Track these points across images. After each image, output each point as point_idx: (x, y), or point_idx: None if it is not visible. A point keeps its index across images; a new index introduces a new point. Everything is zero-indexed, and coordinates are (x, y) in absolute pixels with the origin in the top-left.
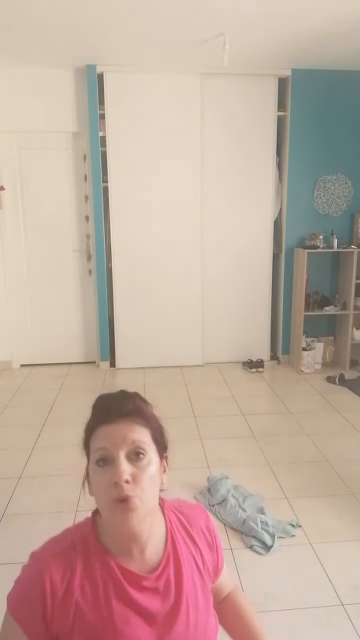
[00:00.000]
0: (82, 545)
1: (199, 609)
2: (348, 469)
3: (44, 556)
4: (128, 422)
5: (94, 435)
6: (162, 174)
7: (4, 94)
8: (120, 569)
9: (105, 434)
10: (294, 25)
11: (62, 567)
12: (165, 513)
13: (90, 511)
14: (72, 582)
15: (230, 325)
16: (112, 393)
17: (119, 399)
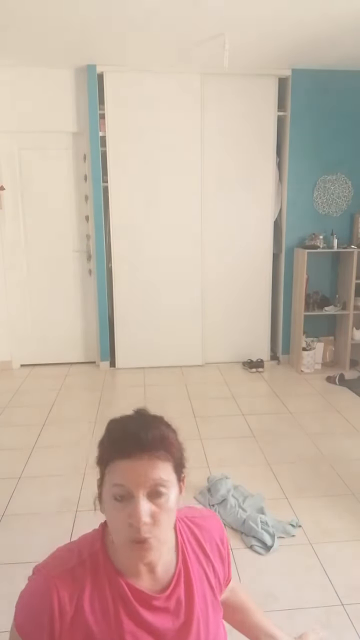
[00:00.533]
0: (92, 562)
1: (209, 624)
2: (348, 469)
3: (52, 573)
4: (150, 458)
5: (111, 468)
6: (162, 174)
7: (4, 94)
8: (131, 588)
9: (124, 471)
10: (294, 25)
11: (71, 585)
12: (176, 526)
13: (91, 510)
14: (81, 601)
15: (230, 325)
16: (131, 416)
17: (141, 427)
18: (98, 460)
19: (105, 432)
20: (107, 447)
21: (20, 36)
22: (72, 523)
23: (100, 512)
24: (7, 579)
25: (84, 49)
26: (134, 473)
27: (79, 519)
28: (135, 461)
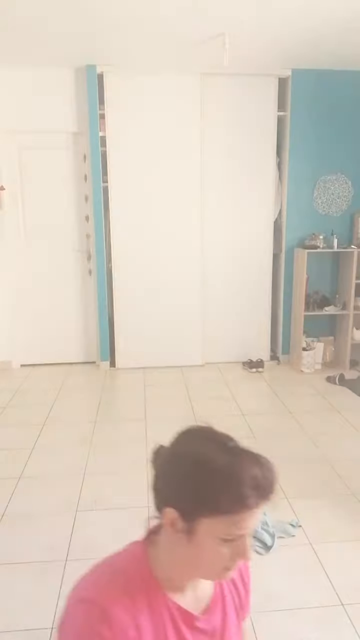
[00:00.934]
0: (139, 582)
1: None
2: (348, 469)
3: (108, 600)
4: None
5: (230, 519)
6: (162, 173)
7: (4, 94)
8: (176, 607)
9: (248, 521)
10: (294, 25)
11: (128, 609)
12: None
13: (90, 510)
14: (138, 622)
15: (230, 325)
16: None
17: (269, 473)
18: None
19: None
20: (230, 498)
21: (21, 36)
22: (72, 523)
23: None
24: (8, 578)
25: (84, 49)
26: (254, 520)
27: (79, 519)
28: (259, 508)
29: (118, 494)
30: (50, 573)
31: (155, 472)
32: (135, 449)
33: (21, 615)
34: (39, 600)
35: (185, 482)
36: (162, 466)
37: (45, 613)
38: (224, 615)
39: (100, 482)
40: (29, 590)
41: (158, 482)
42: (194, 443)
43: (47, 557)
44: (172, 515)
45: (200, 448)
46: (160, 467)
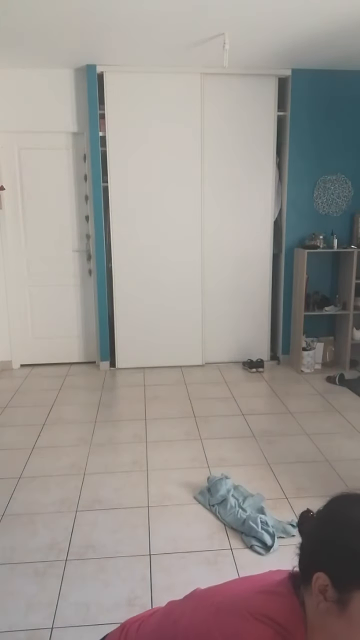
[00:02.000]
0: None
1: None
2: (348, 469)
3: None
4: None
5: None
6: (162, 173)
7: (4, 94)
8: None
9: None
10: (294, 25)
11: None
12: None
13: (90, 510)
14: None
15: (230, 325)
16: None
17: None
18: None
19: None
20: None
21: (21, 37)
22: (72, 523)
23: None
24: (8, 578)
25: (84, 49)
26: None
27: (79, 519)
28: None
29: (118, 494)
30: (50, 573)
31: (307, 533)
32: (135, 449)
33: (21, 615)
34: (39, 600)
35: (345, 549)
36: (317, 528)
37: (45, 613)
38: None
39: (100, 482)
40: (29, 590)
41: (309, 544)
42: (355, 509)
43: (47, 557)
44: (323, 581)
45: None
46: (314, 529)
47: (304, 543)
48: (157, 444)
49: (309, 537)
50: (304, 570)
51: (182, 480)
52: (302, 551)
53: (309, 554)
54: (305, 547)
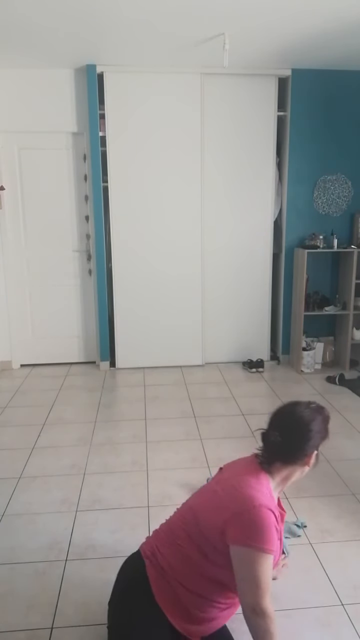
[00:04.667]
0: (270, 491)
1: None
2: (348, 469)
3: (268, 505)
4: None
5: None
6: (162, 174)
7: (3, 94)
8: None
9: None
10: (294, 25)
11: (273, 505)
12: None
13: (90, 510)
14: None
15: (230, 325)
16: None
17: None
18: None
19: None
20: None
21: (21, 36)
22: (72, 523)
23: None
24: (8, 579)
25: (84, 49)
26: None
27: (79, 519)
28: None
29: (118, 494)
30: (50, 573)
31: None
32: (135, 449)
33: (21, 615)
34: (39, 600)
35: (319, 435)
36: (298, 434)
37: (45, 613)
38: (281, 511)
39: (100, 482)
40: (29, 590)
41: (299, 444)
42: (307, 413)
43: (47, 557)
44: (311, 457)
45: (314, 414)
46: (295, 435)
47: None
48: (157, 444)
49: (296, 442)
50: (298, 459)
51: (182, 480)
52: (287, 450)
53: (301, 449)
54: (292, 447)
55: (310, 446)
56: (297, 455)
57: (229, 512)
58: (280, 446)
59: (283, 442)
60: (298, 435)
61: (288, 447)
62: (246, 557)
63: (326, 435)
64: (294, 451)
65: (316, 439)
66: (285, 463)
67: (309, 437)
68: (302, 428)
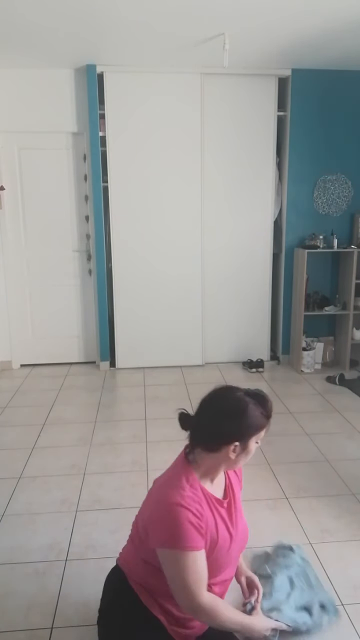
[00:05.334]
0: (193, 485)
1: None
2: (348, 469)
3: (184, 502)
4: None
5: (264, 428)
6: (162, 174)
7: (4, 94)
8: (210, 494)
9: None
10: (294, 25)
11: (195, 500)
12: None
13: (90, 510)
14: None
15: (230, 325)
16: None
17: (271, 401)
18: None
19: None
20: (264, 420)
21: (21, 36)
22: (72, 523)
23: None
24: (8, 578)
25: (84, 49)
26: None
27: (79, 519)
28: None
29: (118, 494)
30: (50, 573)
31: (206, 426)
32: (135, 449)
33: (21, 615)
34: (39, 600)
35: (242, 423)
36: (215, 420)
37: (45, 613)
38: (233, 494)
39: (100, 482)
40: (29, 590)
41: (215, 431)
42: (231, 398)
43: (47, 557)
44: (234, 446)
45: (240, 400)
46: (211, 421)
47: (205, 432)
48: (157, 444)
49: (212, 428)
50: (215, 448)
51: None
52: (203, 436)
53: (215, 436)
54: (208, 433)
55: (227, 435)
56: (213, 443)
57: (147, 515)
58: (198, 432)
59: (200, 428)
60: (215, 422)
61: (205, 434)
62: (167, 558)
63: (257, 427)
64: (210, 439)
65: (236, 428)
66: (206, 451)
67: (225, 426)
68: (219, 415)
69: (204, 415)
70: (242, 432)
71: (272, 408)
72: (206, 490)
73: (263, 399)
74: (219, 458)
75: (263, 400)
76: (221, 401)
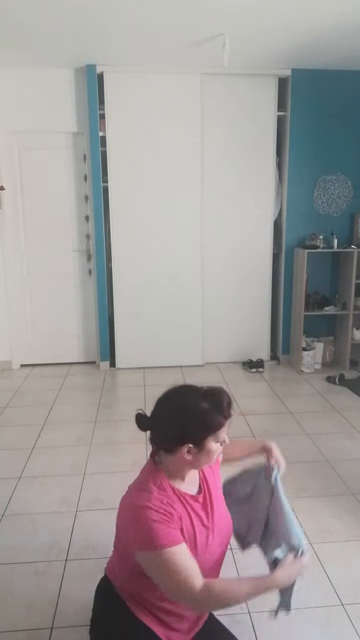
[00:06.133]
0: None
1: (223, 512)
2: (348, 469)
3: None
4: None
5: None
6: (162, 173)
7: (4, 94)
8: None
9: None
10: (294, 25)
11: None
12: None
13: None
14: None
15: (230, 325)
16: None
17: (229, 397)
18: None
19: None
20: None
21: (21, 36)
22: (72, 523)
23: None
24: (8, 579)
25: (84, 49)
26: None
27: (79, 519)
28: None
29: (118, 494)
30: (50, 573)
31: (159, 427)
32: (135, 449)
33: (21, 615)
34: (39, 600)
35: (192, 425)
36: (165, 422)
37: (45, 613)
38: (208, 488)
39: (100, 482)
40: (29, 590)
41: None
42: (181, 399)
43: (47, 557)
44: (188, 448)
45: (189, 400)
46: (162, 422)
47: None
48: None
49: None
50: (170, 449)
51: None
52: (158, 438)
53: (168, 438)
54: (161, 435)
55: (178, 437)
56: (168, 445)
57: (120, 522)
58: (153, 434)
59: (154, 429)
60: (165, 424)
61: (159, 436)
62: (148, 562)
63: (209, 428)
64: (164, 441)
65: (185, 430)
66: (165, 452)
67: (174, 428)
68: (167, 417)
69: (156, 417)
70: (192, 433)
71: (230, 406)
72: (177, 490)
73: (218, 398)
74: (177, 459)
75: (218, 399)
76: (170, 402)
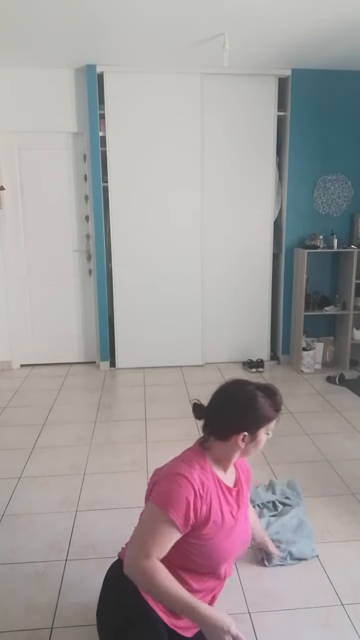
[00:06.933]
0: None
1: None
2: (348, 469)
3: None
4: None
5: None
6: (162, 173)
7: (4, 94)
8: (220, 479)
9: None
10: (294, 25)
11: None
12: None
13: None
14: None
15: (230, 325)
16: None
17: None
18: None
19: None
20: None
21: (21, 36)
22: (72, 523)
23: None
24: (9, 579)
25: (84, 49)
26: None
27: (79, 519)
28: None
29: (118, 494)
30: (50, 573)
31: (218, 415)
32: (135, 449)
33: (21, 615)
34: (39, 600)
35: (253, 414)
36: (226, 410)
37: (45, 613)
38: (242, 486)
39: (100, 482)
40: (29, 590)
41: (227, 420)
42: (244, 390)
43: (47, 557)
44: (243, 436)
45: (250, 392)
46: (223, 410)
47: (217, 421)
48: (157, 444)
49: (223, 417)
50: (224, 436)
51: None
52: (215, 425)
53: (224, 426)
54: (220, 422)
55: (235, 425)
56: (223, 432)
57: (151, 483)
58: (209, 421)
59: (212, 417)
60: (224, 412)
61: (216, 424)
62: (147, 510)
63: (265, 419)
64: (220, 428)
65: (244, 418)
66: (217, 439)
67: (233, 416)
68: (228, 406)
69: (215, 406)
70: (251, 422)
71: (282, 401)
72: (217, 476)
73: (272, 392)
74: (229, 446)
75: (272, 393)
76: (231, 392)
